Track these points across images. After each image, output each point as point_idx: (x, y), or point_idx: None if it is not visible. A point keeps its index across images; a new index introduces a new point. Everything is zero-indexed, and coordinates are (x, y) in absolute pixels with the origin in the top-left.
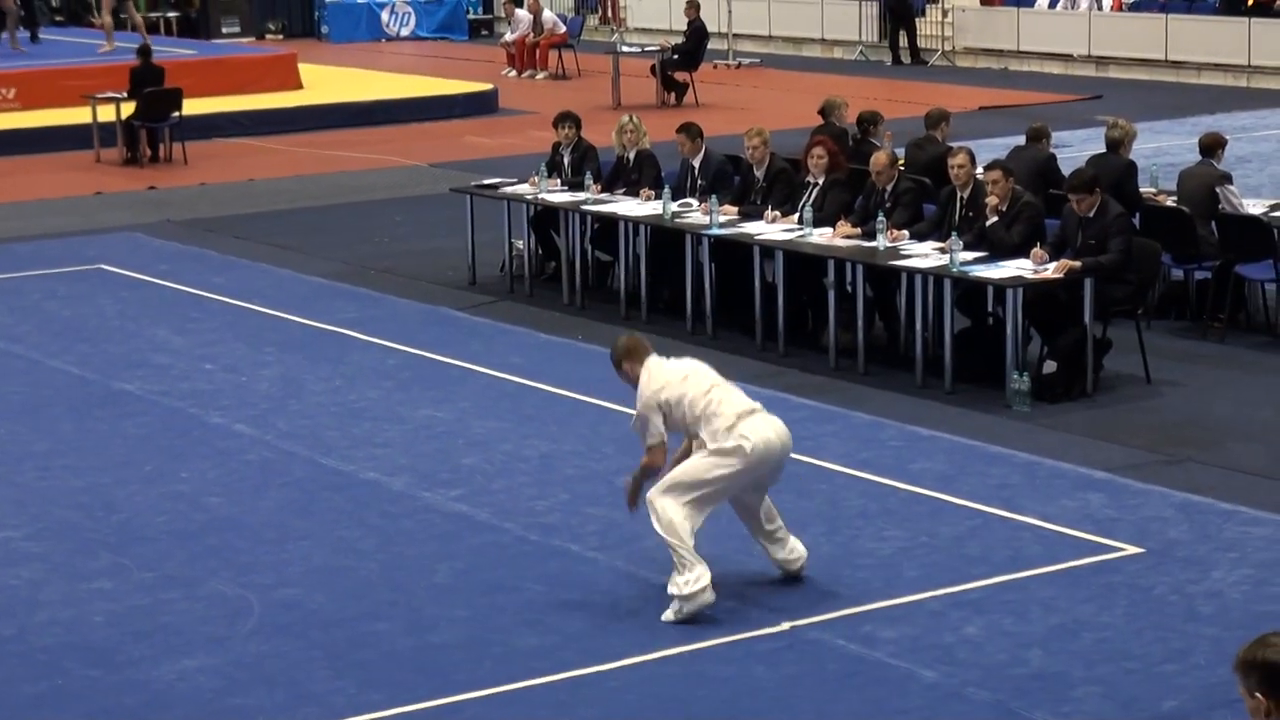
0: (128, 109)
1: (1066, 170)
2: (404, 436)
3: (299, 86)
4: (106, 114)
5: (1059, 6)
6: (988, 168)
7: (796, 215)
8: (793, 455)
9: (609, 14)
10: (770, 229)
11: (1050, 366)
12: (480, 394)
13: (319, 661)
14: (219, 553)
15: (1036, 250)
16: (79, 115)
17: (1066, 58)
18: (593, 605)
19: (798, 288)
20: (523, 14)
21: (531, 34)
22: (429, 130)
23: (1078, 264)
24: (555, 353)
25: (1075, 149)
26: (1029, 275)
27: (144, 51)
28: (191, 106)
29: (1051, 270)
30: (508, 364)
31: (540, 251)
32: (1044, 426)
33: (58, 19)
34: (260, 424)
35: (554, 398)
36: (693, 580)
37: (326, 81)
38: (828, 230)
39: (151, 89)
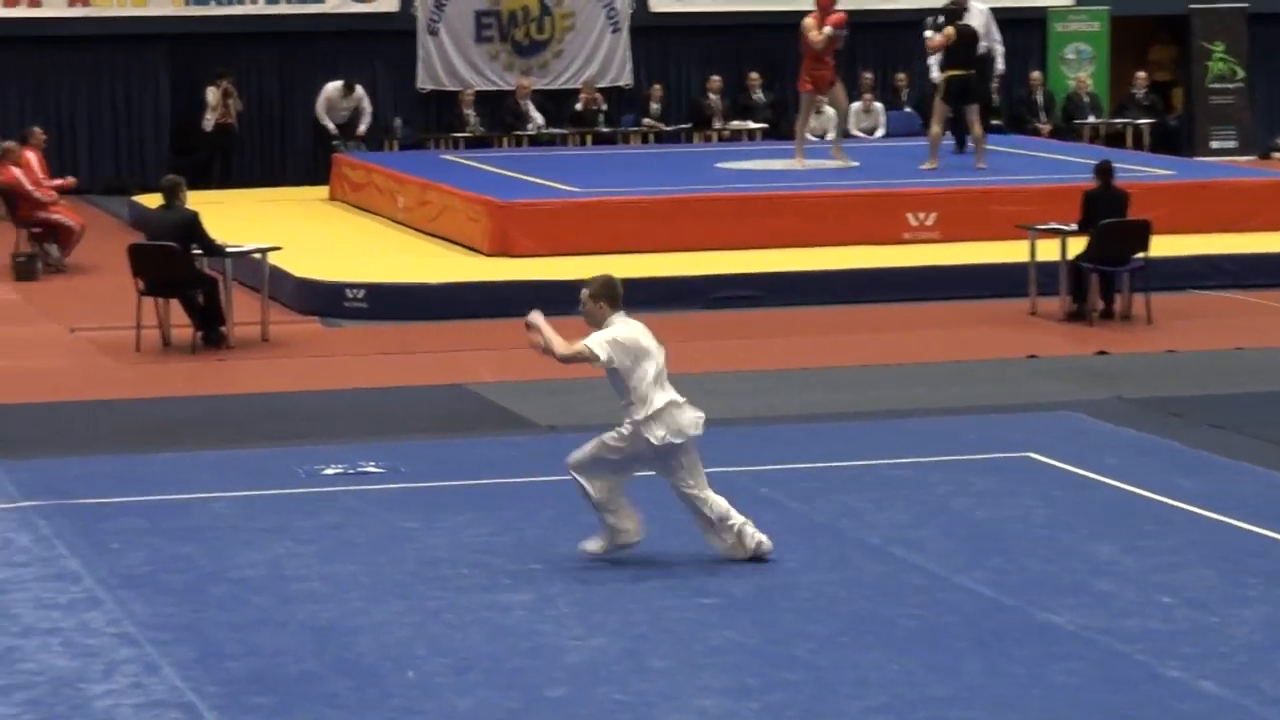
0: (1076, 246)
1: None
2: None
3: None
4: (1048, 251)
5: None
6: None
7: None
8: None
9: None
10: None
11: None
12: None
13: None
14: None
15: None
16: (1012, 252)
17: None
18: None
19: None
20: None
21: None
22: None
23: None
24: None
25: None
26: None
27: (1102, 171)
28: (1162, 246)
29: None
30: None
31: None
32: None
33: (994, 123)
34: (1234, 682)
35: None
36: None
37: None
38: None
39: (1109, 220)
